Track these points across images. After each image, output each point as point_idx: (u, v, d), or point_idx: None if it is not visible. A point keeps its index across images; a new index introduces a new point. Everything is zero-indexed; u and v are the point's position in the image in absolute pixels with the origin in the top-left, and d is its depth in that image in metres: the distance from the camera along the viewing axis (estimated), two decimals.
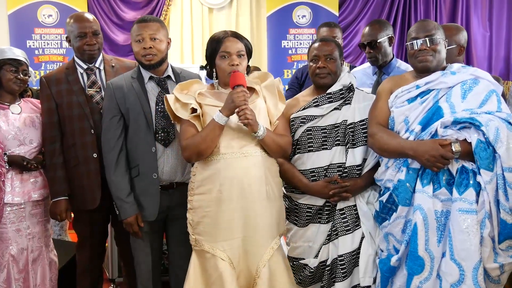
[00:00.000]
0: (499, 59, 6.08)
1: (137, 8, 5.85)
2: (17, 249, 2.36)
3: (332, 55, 2.22)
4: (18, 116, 2.42)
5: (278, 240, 2.09)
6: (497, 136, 1.86)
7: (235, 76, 1.97)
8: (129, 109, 2.19)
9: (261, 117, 2.04)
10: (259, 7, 6.01)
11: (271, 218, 2.05)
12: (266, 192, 2.03)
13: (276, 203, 2.08)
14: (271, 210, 2.05)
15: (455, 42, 2.37)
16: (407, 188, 1.98)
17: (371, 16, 5.88)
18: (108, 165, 2.21)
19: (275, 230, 2.08)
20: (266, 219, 2.04)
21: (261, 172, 2.02)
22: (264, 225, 2.04)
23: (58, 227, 3.56)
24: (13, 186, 2.34)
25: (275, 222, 2.07)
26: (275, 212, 2.07)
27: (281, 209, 2.13)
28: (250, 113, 1.94)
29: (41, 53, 5.67)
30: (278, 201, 2.10)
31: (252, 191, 1.99)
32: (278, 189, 2.10)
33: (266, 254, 2.02)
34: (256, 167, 2.01)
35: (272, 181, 2.06)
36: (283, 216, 2.17)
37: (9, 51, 2.39)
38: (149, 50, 2.16)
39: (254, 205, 2.00)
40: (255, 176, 2.00)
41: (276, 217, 2.08)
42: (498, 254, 1.90)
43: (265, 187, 2.03)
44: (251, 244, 2.02)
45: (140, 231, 2.24)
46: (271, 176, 2.07)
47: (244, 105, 1.93)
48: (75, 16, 2.45)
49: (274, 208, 2.07)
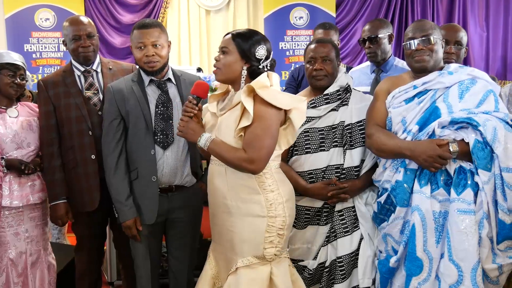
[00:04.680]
0: (496, 59, 6.09)
1: (134, 11, 5.84)
2: (15, 252, 2.36)
3: (329, 57, 2.22)
4: (15, 119, 2.41)
5: (248, 260, 1.90)
6: (494, 136, 1.86)
7: (195, 85, 1.97)
8: (129, 112, 2.19)
9: (227, 130, 1.92)
10: (256, 8, 6.02)
11: (237, 234, 1.91)
12: (228, 207, 1.92)
13: (247, 222, 1.90)
14: (239, 227, 1.91)
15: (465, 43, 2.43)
16: (405, 189, 1.98)
17: (368, 17, 5.89)
18: (108, 168, 2.21)
19: (243, 249, 1.90)
20: (228, 233, 1.94)
21: (223, 185, 1.93)
22: (228, 240, 1.95)
23: (56, 230, 3.55)
24: (12, 189, 2.34)
25: (242, 240, 1.90)
26: (243, 232, 1.90)
27: (257, 229, 1.89)
28: (182, 124, 1.92)
29: (38, 56, 5.67)
30: (250, 220, 1.89)
31: (215, 201, 1.99)
32: (249, 208, 1.89)
33: (229, 269, 1.94)
34: (218, 178, 1.95)
35: (237, 198, 1.90)
36: (261, 239, 1.89)
37: (7, 55, 2.39)
38: (152, 57, 2.16)
39: (217, 216, 1.99)
40: (217, 187, 1.96)
41: (246, 237, 1.90)
42: (497, 255, 1.90)
43: (228, 201, 1.92)
44: (220, 252, 2.02)
45: (138, 235, 2.24)
46: (236, 192, 1.90)
47: (183, 116, 1.93)
48: (70, 20, 2.46)
49: (244, 227, 1.90)
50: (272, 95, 1.84)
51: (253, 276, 1.90)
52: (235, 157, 1.84)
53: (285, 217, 1.92)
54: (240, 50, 1.89)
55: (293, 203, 2.00)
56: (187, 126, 1.92)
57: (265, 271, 1.91)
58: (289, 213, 1.95)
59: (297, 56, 5.90)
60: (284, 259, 1.98)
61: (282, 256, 1.97)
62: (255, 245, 1.90)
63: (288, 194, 1.96)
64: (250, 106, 1.82)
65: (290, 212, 1.96)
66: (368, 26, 2.87)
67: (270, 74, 1.92)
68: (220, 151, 1.87)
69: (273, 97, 1.84)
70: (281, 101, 1.85)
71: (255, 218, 1.89)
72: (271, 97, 1.83)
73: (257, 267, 1.91)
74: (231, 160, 1.86)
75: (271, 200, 1.90)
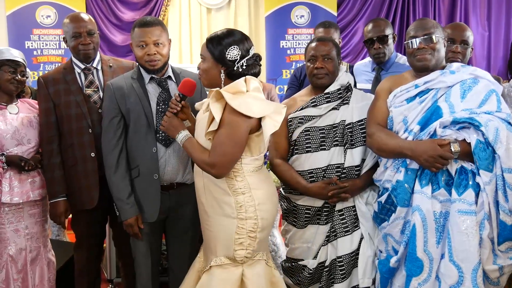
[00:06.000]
0: (498, 58, 6.08)
1: (135, 8, 5.84)
2: (15, 249, 2.36)
3: (330, 55, 2.21)
4: (15, 116, 2.41)
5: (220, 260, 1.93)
6: (496, 136, 1.85)
7: (182, 82, 2.03)
8: (130, 110, 2.19)
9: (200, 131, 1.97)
10: (258, 7, 6.01)
11: (212, 233, 1.96)
12: (204, 206, 1.97)
13: (219, 222, 1.93)
14: (214, 226, 1.95)
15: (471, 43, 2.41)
16: (405, 189, 1.97)
17: (370, 15, 5.87)
18: (109, 166, 2.21)
19: (217, 249, 1.94)
20: (206, 231, 2.01)
21: (200, 184, 2.00)
22: (206, 238, 2.02)
23: (56, 227, 3.55)
24: (12, 186, 2.33)
25: (216, 240, 1.95)
26: (217, 231, 1.94)
27: (228, 230, 1.91)
28: (165, 119, 2.01)
29: (39, 54, 5.67)
30: (223, 221, 1.92)
31: (197, 200, 2.05)
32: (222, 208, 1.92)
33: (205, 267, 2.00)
34: (197, 177, 2.02)
35: (211, 198, 1.94)
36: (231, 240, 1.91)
37: (7, 52, 2.39)
38: (153, 56, 2.16)
39: (200, 214, 2.05)
40: (197, 185, 2.03)
41: (219, 236, 1.94)
42: (498, 256, 1.89)
43: (204, 200, 1.97)
44: (203, 248, 2.09)
45: (140, 233, 2.24)
46: (210, 192, 1.94)
47: (168, 111, 2.02)
48: (71, 17, 2.45)
49: (217, 226, 1.94)
50: (242, 103, 1.83)
51: (224, 276, 1.94)
52: (200, 159, 1.91)
53: (257, 220, 1.92)
54: (213, 55, 1.92)
55: (270, 206, 1.98)
56: (169, 122, 2.00)
57: (236, 273, 1.95)
58: (263, 216, 1.94)
59: (298, 55, 5.89)
60: (259, 261, 1.99)
61: (256, 258, 1.98)
62: (227, 246, 1.93)
63: (263, 198, 1.95)
64: (216, 112, 1.84)
65: (265, 215, 1.95)
66: (373, 26, 2.81)
67: (248, 79, 1.91)
68: (191, 151, 1.95)
69: (243, 105, 1.83)
70: (251, 109, 1.83)
71: (226, 218, 1.92)
72: (239, 105, 1.82)
73: (228, 267, 1.95)
74: (197, 161, 1.94)
75: (241, 202, 1.91)
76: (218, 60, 1.91)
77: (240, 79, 1.90)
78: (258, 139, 1.92)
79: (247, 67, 1.92)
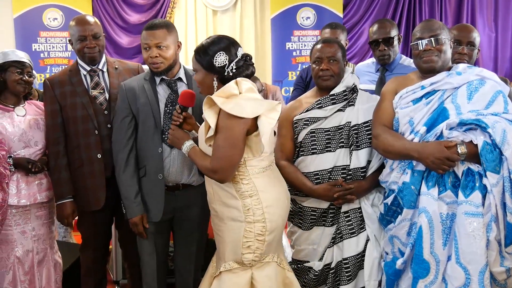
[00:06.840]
0: (505, 60, 6.05)
1: (141, 11, 5.87)
2: (22, 251, 2.37)
3: (335, 57, 2.21)
4: (23, 118, 2.42)
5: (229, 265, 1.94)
6: (503, 138, 1.84)
7: (181, 94, 2.07)
8: (139, 110, 2.22)
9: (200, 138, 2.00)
10: (263, 9, 6.02)
11: (222, 238, 1.97)
12: (215, 211, 1.99)
13: (228, 227, 1.93)
14: (224, 231, 1.95)
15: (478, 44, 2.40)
16: (412, 191, 1.96)
17: (376, 17, 5.86)
18: (118, 164, 2.24)
19: (225, 254, 1.95)
20: (217, 237, 2.02)
21: (210, 189, 2.01)
22: (217, 242, 2.03)
23: (63, 229, 3.57)
24: (19, 188, 2.34)
25: (225, 245, 1.95)
26: (226, 236, 1.95)
27: (236, 234, 1.91)
28: (170, 132, 2.07)
29: (46, 56, 5.71)
30: (231, 225, 1.92)
31: (209, 205, 2.06)
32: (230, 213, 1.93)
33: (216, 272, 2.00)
34: (207, 182, 2.03)
35: (221, 204, 1.96)
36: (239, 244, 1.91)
37: (12, 54, 2.41)
38: (155, 59, 2.18)
39: (211, 219, 2.07)
40: (208, 192, 2.04)
41: (228, 241, 1.94)
42: (505, 258, 1.88)
43: (214, 205, 2.00)
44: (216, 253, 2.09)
45: (145, 232, 2.25)
46: (219, 197, 1.96)
47: (171, 124, 2.07)
48: (77, 19, 2.46)
49: (227, 231, 1.94)
50: (234, 105, 1.83)
51: (234, 281, 1.94)
52: (203, 166, 1.94)
53: (265, 223, 1.91)
54: (203, 65, 1.95)
55: (278, 208, 1.97)
56: (174, 134, 2.06)
57: (245, 276, 1.94)
58: (272, 218, 1.93)
59: (304, 57, 5.90)
60: (269, 263, 1.98)
61: (266, 260, 1.97)
62: (235, 250, 1.93)
63: (271, 200, 1.94)
64: (210, 118, 1.85)
65: (273, 217, 1.94)
66: (379, 28, 2.79)
67: (239, 82, 1.91)
68: (195, 159, 1.99)
69: (235, 107, 1.82)
70: (244, 110, 1.82)
71: (235, 222, 1.92)
72: (232, 108, 1.82)
73: (238, 272, 1.94)
74: (201, 168, 1.98)
75: (249, 205, 1.90)
76: (208, 69, 1.93)
77: (230, 82, 1.90)
78: (257, 139, 1.92)
79: (237, 70, 1.93)
